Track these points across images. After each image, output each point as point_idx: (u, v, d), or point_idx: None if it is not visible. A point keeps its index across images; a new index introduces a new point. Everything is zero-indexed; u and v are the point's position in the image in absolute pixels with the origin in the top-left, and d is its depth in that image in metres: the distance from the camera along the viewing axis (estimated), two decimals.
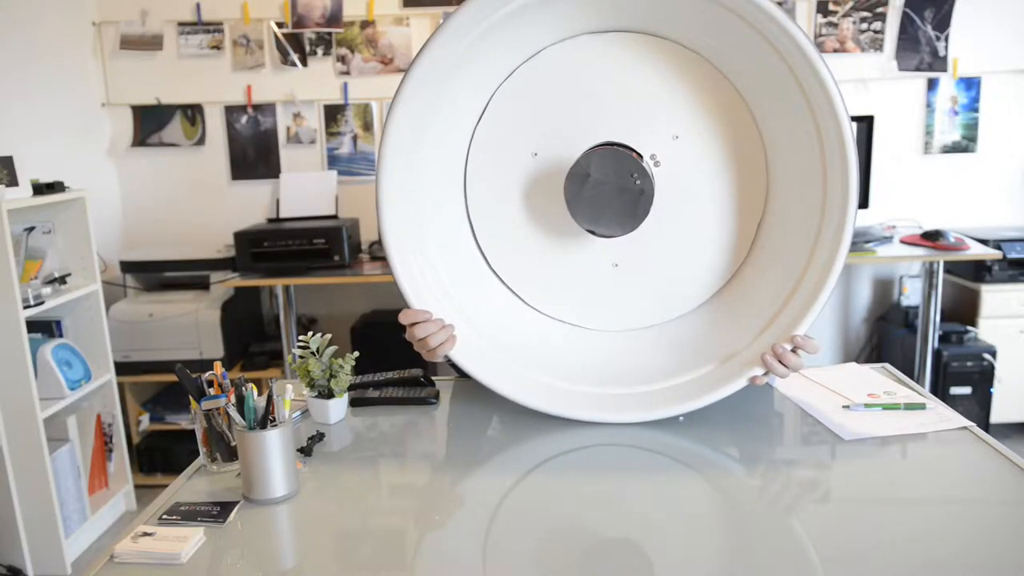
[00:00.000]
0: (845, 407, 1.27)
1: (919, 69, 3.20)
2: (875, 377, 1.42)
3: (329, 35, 3.23)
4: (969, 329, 3.06)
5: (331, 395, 1.29)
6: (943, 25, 3.15)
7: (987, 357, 2.98)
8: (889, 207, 3.28)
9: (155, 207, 3.38)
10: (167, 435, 3.08)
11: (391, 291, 3.09)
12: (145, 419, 3.07)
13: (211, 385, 1.14)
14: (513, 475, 1.10)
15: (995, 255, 2.85)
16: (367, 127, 3.29)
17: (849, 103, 1.12)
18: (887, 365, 1.48)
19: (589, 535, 0.94)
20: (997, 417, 3.05)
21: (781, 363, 1.15)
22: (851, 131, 1.10)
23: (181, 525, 0.97)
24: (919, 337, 3.02)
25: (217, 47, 3.24)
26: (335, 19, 3.21)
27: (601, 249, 1.31)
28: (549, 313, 1.36)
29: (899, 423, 1.20)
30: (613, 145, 1.23)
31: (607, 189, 1.19)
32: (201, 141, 3.32)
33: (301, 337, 1.30)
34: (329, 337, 1.31)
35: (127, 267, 3.06)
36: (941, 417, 1.22)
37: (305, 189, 3.21)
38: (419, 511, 1.02)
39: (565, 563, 0.88)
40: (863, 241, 2.86)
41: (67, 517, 2.49)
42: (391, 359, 1.70)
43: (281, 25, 3.22)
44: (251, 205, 3.37)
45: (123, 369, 2.89)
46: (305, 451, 1.17)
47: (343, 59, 3.24)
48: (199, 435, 1.14)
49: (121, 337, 2.91)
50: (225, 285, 2.97)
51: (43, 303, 2.35)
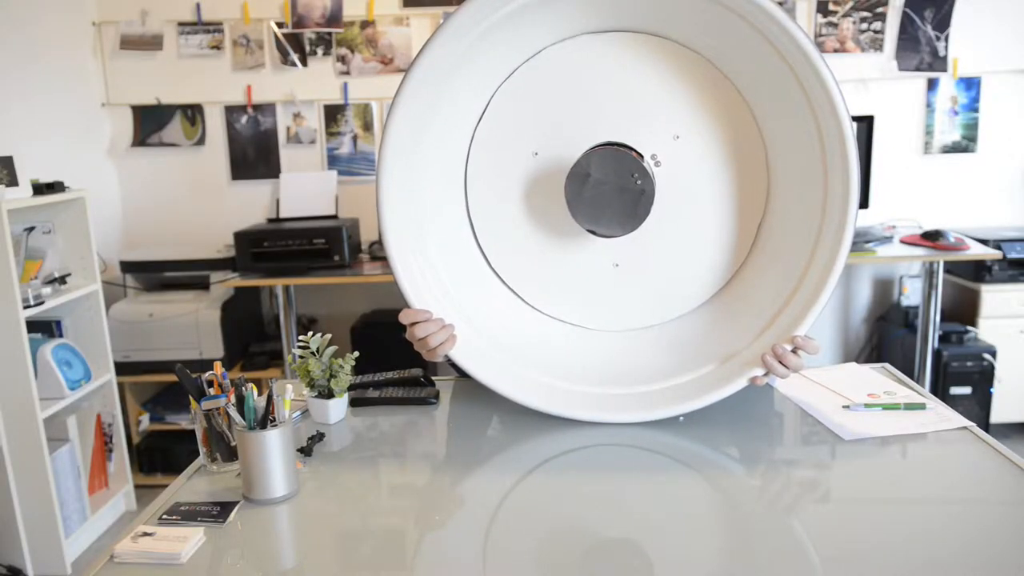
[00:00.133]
0: (845, 407, 1.27)
1: (919, 69, 3.20)
2: (875, 377, 1.42)
3: (329, 35, 3.22)
4: (969, 329, 3.06)
5: (331, 395, 1.29)
6: (943, 25, 3.15)
7: (987, 357, 2.97)
8: (889, 207, 3.27)
9: (155, 207, 3.38)
10: (167, 435, 3.08)
11: (391, 291, 3.09)
12: (145, 419, 3.07)
13: (211, 385, 1.14)
14: (513, 475, 1.09)
15: (995, 255, 2.85)
16: (367, 127, 3.29)
17: (849, 103, 1.12)
18: (887, 365, 1.48)
19: (589, 535, 0.94)
20: (997, 417, 3.05)
21: (781, 363, 1.15)
22: (852, 131, 1.10)
23: (181, 525, 0.97)
24: (919, 337, 3.02)
25: (217, 47, 3.24)
26: (335, 19, 3.21)
27: (601, 249, 1.31)
28: (549, 313, 1.36)
29: (899, 423, 1.20)
30: (614, 145, 1.23)
31: (607, 189, 1.19)
32: (201, 141, 3.32)
33: (301, 337, 1.30)
34: (329, 337, 1.31)
35: (127, 267, 3.06)
36: (941, 417, 1.22)
37: (305, 189, 3.21)
38: (419, 511, 1.02)
39: (565, 563, 0.88)
40: (863, 241, 2.86)
41: (67, 517, 2.49)
42: (391, 359, 1.70)
43: (281, 25, 3.22)
44: (251, 205, 3.37)
45: (123, 369, 2.89)
46: (305, 451, 1.17)
47: (343, 59, 3.24)
48: (199, 435, 1.14)
49: (121, 337, 2.91)
50: (225, 285, 2.97)
51: (43, 303, 2.35)
